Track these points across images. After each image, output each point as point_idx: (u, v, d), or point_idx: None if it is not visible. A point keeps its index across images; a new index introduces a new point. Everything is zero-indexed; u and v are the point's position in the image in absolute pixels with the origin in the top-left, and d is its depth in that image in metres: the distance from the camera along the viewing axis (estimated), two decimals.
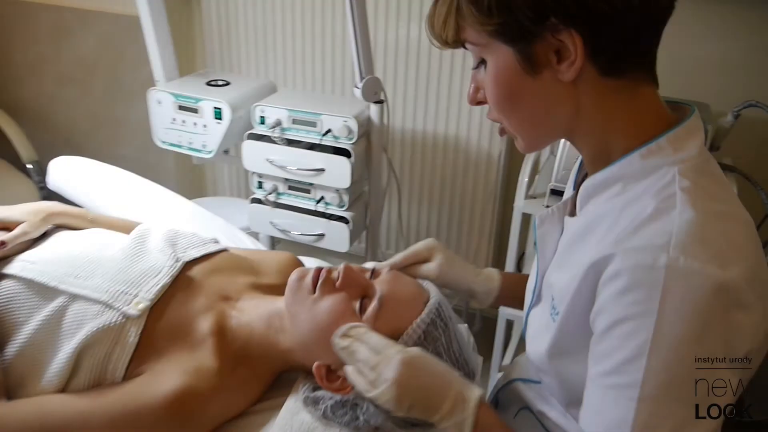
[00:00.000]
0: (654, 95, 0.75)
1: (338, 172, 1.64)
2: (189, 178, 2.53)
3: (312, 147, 1.70)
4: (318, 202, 1.72)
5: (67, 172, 1.52)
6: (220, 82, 1.86)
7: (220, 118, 1.73)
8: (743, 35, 1.68)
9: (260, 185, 1.78)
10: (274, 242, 1.99)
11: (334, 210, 1.73)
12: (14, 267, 0.98)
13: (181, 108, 1.76)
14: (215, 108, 1.72)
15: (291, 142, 1.71)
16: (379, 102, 1.64)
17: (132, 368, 0.91)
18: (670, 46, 1.72)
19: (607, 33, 0.68)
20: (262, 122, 1.70)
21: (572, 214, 0.85)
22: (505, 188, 2.06)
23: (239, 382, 0.95)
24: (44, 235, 1.08)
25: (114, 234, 1.11)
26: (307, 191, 1.74)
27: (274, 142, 1.71)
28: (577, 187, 0.84)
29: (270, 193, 1.77)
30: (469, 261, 1.19)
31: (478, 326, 2.31)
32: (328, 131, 1.63)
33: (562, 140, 1.43)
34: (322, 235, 1.75)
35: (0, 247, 0.99)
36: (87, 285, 0.95)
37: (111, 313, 0.92)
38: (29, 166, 2.42)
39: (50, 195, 1.45)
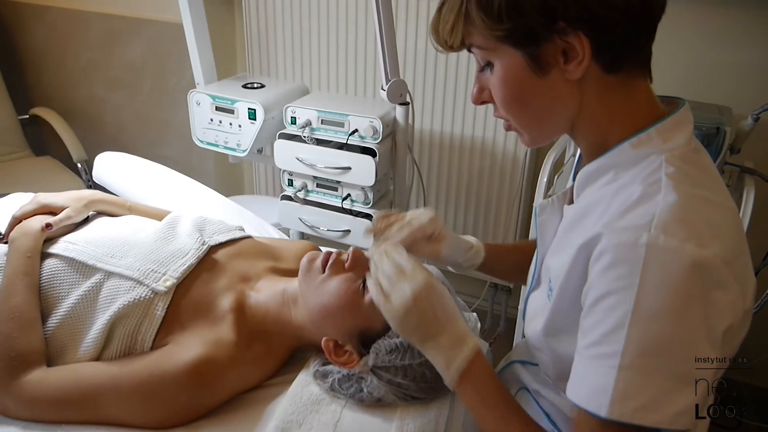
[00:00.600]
0: (648, 89, 0.80)
1: (364, 170, 1.71)
2: (227, 177, 2.65)
3: (340, 146, 1.78)
4: (344, 199, 1.80)
5: (110, 166, 1.63)
6: (255, 85, 1.96)
7: (254, 119, 1.82)
8: (763, 39, 1.69)
9: (290, 183, 1.87)
10: (303, 237, 2.07)
11: (359, 207, 1.80)
12: (58, 247, 1.08)
13: (218, 109, 1.87)
14: (249, 109, 1.82)
15: (320, 142, 1.79)
16: (405, 104, 1.70)
17: (159, 339, 0.99)
18: (695, 52, 1.76)
19: (610, 33, 0.73)
20: (293, 122, 1.79)
21: (571, 202, 0.89)
22: (530, 189, 2.09)
23: (255, 356, 1.02)
24: (86, 220, 1.19)
25: (148, 220, 1.20)
26: (335, 189, 1.81)
27: (304, 141, 1.79)
28: (575, 177, 0.89)
29: (299, 191, 1.85)
30: None
31: (502, 327, 2.34)
32: (355, 131, 1.71)
33: None
34: (348, 231, 1.82)
35: (46, 229, 1.09)
36: (121, 264, 1.05)
37: (141, 289, 1.01)
38: (79, 165, 2.58)
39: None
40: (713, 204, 0.74)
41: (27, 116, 2.73)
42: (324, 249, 1.30)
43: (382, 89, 1.65)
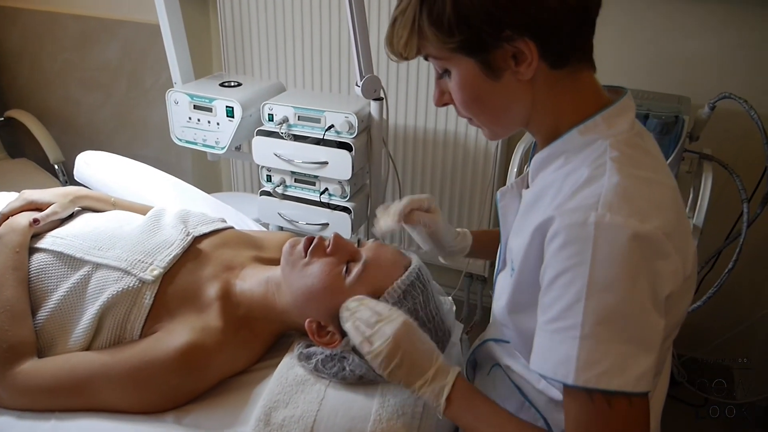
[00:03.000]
0: (592, 79, 0.86)
1: (340, 164, 1.76)
2: (205, 175, 2.67)
3: (317, 142, 1.82)
4: (322, 193, 1.84)
5: (92, 164, 1.66)
6: (232, 84, 2.00)
7: (231, 116, 1.86)
8: (721, 31, 1.78)
9: (269, 178, 1.91)
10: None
11: (337, 201, 1.85)
12: (45, 242, 1.12)
13: (196, 107, 1.90)
14: (227, 107, 1.85)
15: (297, 138, 1.83)
16: (379, 99, 1.75)
17: (147, 327, 1.03)
18: (655, 44, 1.83)
19: (554, 34, 0.79)
20: (271, 119, 1.83)
21: (528, 186, 0.95)
22: (502, 180, 2.16)
23: (242, 342, 1.06)
24: (71, 216, 1.22)
25: (132, 214, 1.24)
26: (312, 183, 1.86)
27: (281, 137, 1.83)
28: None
29: (278, 186, 1.89)
30: None
31: (479, 316, 2.40)
32: (331, 127, 1.75)
33: None
34: (326, 225, 1.87)
35: (34, 224, 1.13)
36: (108, 255, 1.08)
37: (129, 279, 1.05)
38: (56, 166, 2.59)
39: None
40: (654, 183, 0.81)
41: (2, 119, 2.72)
42: None
43: (357, 85, 1.70)
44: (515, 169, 1.70)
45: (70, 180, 2.56)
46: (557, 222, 0.77)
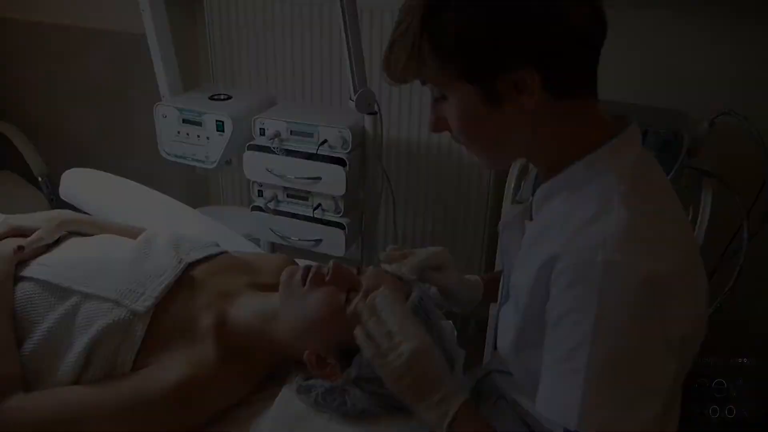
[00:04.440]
0: (596, 109, 0.83)
1: (334, 180, 1.72)
2: (194, 188, 2.62)
3: (309, 157, 1.78)
4: (315, 209, 1.81)
5: (79, 183, 1.61)
6: (222, 96, 1.96)
7: (222, 131, 1.82)
8: (718, 45, 1.76)
9: (260, 194, 1.87)
10: (274, 248, 2.07)
11: (330, 216, 1.81)
12: (31, 270, 1.07)
13: (186, 121, 1.86)
14: (217, 121, 1.81)
15: (289, 152, 1.80)
16: (373, 113, 1.72)
17: (139, 361, 0.99)
18: (654, 59, 1.81)
19: (558, 64, 0.76)
20: (262, 134, 1.80)
21: (531, 218, 0.92)
22: (496, 194, 2.13)
23: (238, 373, 1.02)
24: (58, 241, 1.17)
25: (122, 239, 1.19)
26: (305, 199, 1.82)
27: (273, 152, 1.79)
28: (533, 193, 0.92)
29: (270, 201, 1.86)
30: (463, 264, 1.25)
31: (472, 331, 2.37)
32: (325, 141, 1.72)
33: None
34: (319, 241, 1.83)
35: (18, 252, 1.08)
36: (98, 285, 1.04)
37: (120, 310, 1.00)
38: (40, 179, 2.53)
39: (60, 207, 1.53)
40: (664, 218, 0.78)
41: None
42: (300, 261, 1.31)
43: (351, 99, 1.67)
44: (512, 185, 1.68)
45: (54, 193, 2.50)
46: (564, 260, 0.74)
